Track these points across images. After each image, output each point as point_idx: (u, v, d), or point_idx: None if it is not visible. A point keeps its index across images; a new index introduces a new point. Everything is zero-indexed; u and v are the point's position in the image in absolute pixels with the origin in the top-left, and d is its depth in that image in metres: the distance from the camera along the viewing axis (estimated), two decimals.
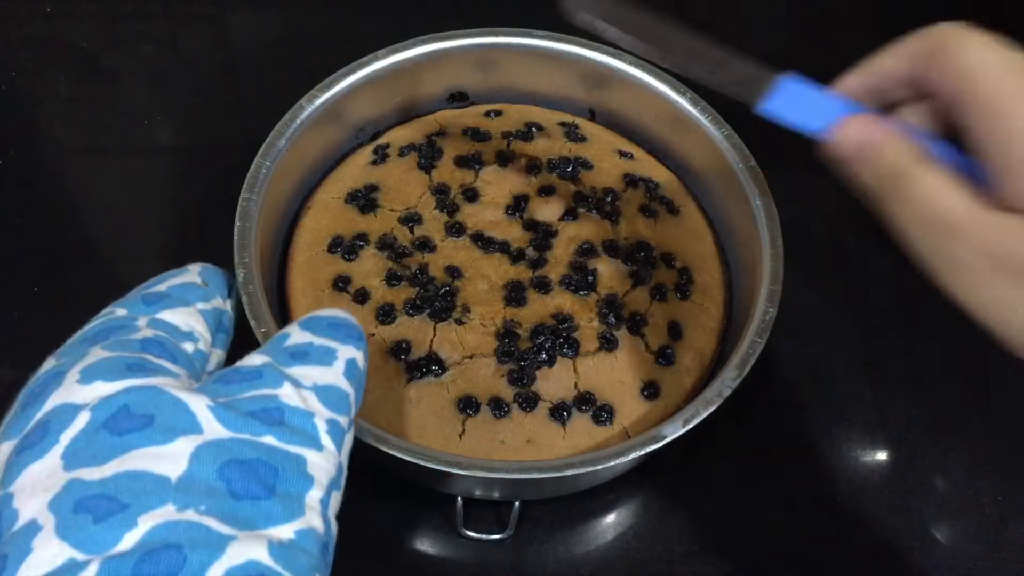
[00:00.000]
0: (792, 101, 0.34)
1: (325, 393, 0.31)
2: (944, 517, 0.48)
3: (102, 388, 0.29)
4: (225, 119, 0.62)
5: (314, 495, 0.29)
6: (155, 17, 0.66)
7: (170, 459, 0.27)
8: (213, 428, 0.28)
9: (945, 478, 0.49)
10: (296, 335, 0.33)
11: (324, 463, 0.29)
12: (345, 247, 0.47)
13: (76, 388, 0.29)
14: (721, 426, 0.42)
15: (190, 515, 0.26)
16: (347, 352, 0.33)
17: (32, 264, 0.55)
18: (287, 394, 0.30)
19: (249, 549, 0.26)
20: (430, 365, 0.44)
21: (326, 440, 0.30)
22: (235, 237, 0.44)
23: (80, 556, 0.25)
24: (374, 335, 0.45)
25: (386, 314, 0.45)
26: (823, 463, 0.50)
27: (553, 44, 0.54)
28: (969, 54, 0.29)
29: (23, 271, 0.54)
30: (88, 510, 0.26)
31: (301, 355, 0.32)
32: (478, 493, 0.44)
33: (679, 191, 0.52)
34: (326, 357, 0.32)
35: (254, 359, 0.32)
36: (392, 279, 0.46)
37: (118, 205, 0.58)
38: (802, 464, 0.50)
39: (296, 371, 0.31)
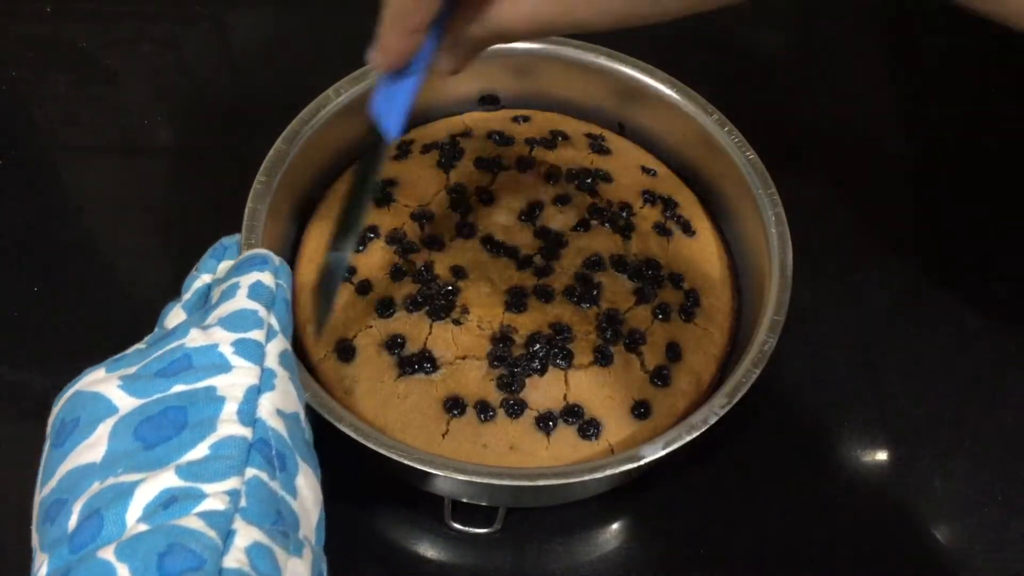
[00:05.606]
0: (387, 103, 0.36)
1: (229, 320, 0.33)
2: (944, 517, 0.48)
3: (51, 416, 0.32)
4: (225, 119, 0.62)
5: (228, 409, 0.30)
6: (155, 17, 0.66)
7: (93, 447, 0.30)
8: (126, 403, 0.30)
9: (945, 478, 0.49)
10: (213, 289, 0.36)
11: (237, 379, 0.31)
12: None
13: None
14: (721, 427, 0.41)
15: (109, 482, 0.28)
16: (249, 279, 0.35)
17: (32, 264, 0.55)
18: (193, 339, 0.32)
19: (157, 483, 0.28)
20: (422, 362, 0.44)
21: (236, 360, 0.32)
22: (244, 219, 0.45)
23: (42, 556, 0.28)
24: (371, 327, 0.45)
25: (385, 307, 0.45)
26: (823, 463, 0.50)
27: (587, 56, 0.53)
28: None
29: (23, 271, 0.54)
30: (47, 519, 0.29)
31: (215, 305, 0.34)
32: (455, 493, 0.44)
33: (698, 213, 0.52)
34: (230, 292, 0.34)
35: (172, 321, 0.35)
36: (396, 274, 0.46)
37: (118, 205, 0.58)
38: (802, 464, 0.50)
39: (208, 319, 0.33)
